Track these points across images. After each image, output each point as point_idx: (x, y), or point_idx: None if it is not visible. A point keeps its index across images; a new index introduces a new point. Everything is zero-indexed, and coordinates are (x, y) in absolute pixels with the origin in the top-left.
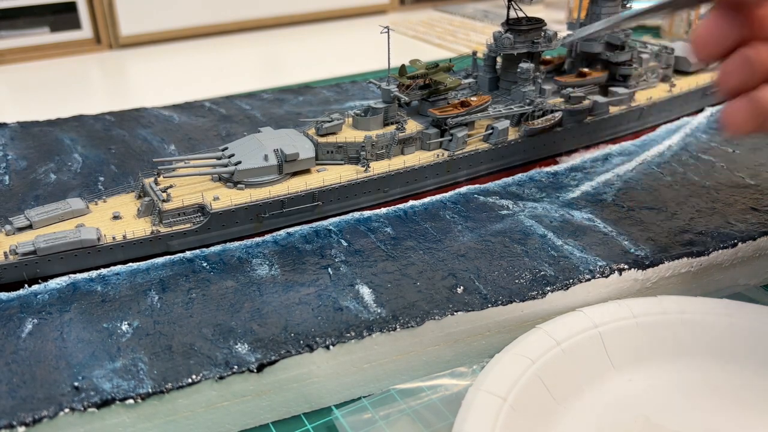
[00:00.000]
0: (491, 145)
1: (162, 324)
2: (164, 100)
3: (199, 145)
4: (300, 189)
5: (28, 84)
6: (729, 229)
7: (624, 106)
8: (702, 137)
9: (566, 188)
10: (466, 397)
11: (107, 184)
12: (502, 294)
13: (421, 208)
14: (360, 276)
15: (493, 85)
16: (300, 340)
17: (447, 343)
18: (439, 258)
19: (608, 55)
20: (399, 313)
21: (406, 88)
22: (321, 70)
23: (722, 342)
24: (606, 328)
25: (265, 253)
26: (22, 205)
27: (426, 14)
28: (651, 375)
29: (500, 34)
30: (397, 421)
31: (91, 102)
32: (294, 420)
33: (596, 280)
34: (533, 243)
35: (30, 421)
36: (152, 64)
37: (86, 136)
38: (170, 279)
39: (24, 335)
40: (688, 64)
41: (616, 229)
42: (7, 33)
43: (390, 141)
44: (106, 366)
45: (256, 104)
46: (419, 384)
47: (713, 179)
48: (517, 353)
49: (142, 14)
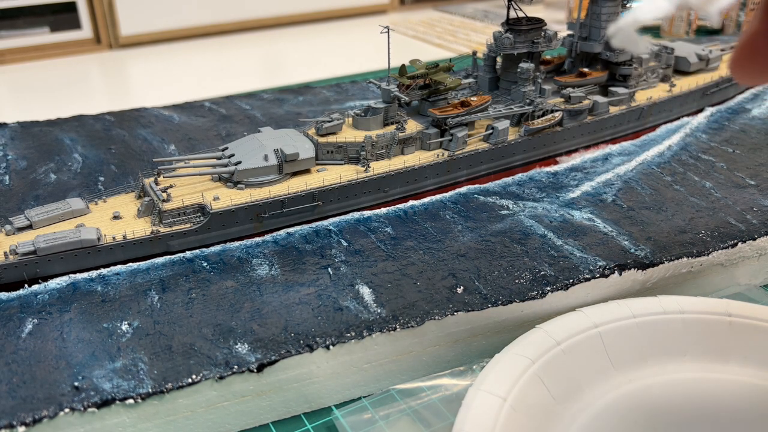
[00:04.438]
0: (491, 145)
1: (162, 324)
2: (164, 100)
3: (199, 145)
4: (300, 189)
5: (28, 84)
6: (729, 229)
7: (624, 106)
8: (702, 137)
9: (566, 188)
10: (466, 397)
11: (107, 184)
12: (502, 294)
13: (421, 208)
14: (360, 276)
15: (493, 85)
16: (300, 340)
17: (447, 343)
18: (439, 258)
19: (608, 55)
20: (399, 313)
21: (406, 88)
22: (321, 70)
23: (722, 342)
24: (606, 328)
25: (265, 253)
26: (22, 205)
27: (426, 14)
28: (651, 375)
29: (500, 34)
30: (397, 421)
31: (91, 102)
32: (294, 420)
33: (596, 280)
34: (533, 243)
35: (30, 421)
36: (152, 64)
37: (86, 136)
38: (170, 279)
39: (24, 335)
40: (688, 64)
41: (616, 229)
42: (7, 33)
43: (390, 141)
44: (106, 366)
45: (256, 104)
46: (419, 384)
47: (713, 179)
48: (517, 353)
49: (142, 14)
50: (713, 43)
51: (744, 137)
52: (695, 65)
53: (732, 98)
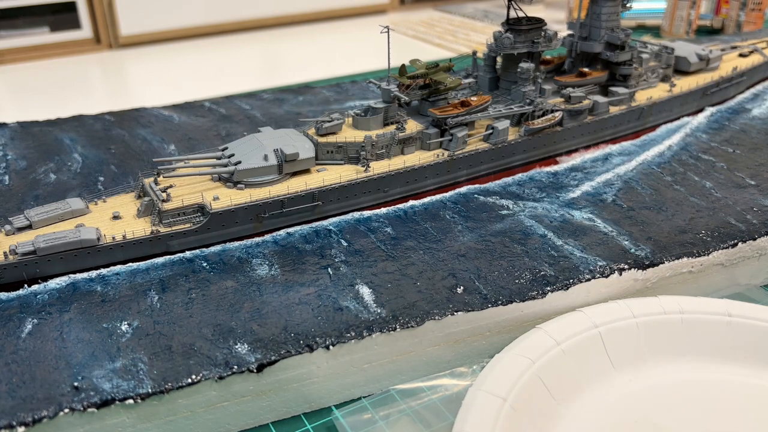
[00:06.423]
0: (491, 145)
1: (162, 324)
2: (164, 100)
3: (199, 145)
4: (300, 189)
5: (28, 84)
6: (729, 229)
7: (624, 106)
8: (702, 137)
9: (566, 188)
10: (466, 397)
11: (107, 184)
12: (502, 294)
13: (421, 208)
14: (360, 276)
15: (493, 85)
16: (300, 340)
17: (447, 343)
18: (439, 258)
19: (608, 55)
20: (399, 313)
21: (406, 88)
22: (321, 70)
23: (722, 342)
24: (606, 328)
25: (265, 253)
26: (22, 205)
27: (426, 14)
28: (651, 375)
29: (500, 34)
30: (397, 421)
31: (91, 102)
32: (294, 420)
33: (596, 280)
34: (533, 243)
35: (30, 421)
36: (152, 64)
37: (86, 136)
38: (170, 279)
39: (24, 335)
40: (688, 64)
41: (616, 229)
42: (6, 33)
43: (390, 141)
44: (106, 366)
45: (256, 104)
46: (419, 384)
47: (713, 179)
48: (517, 353)
49: (142, 14)
50: (713, 43)
51: (744, 137)
52: (695, 65)
53: (732, 98)
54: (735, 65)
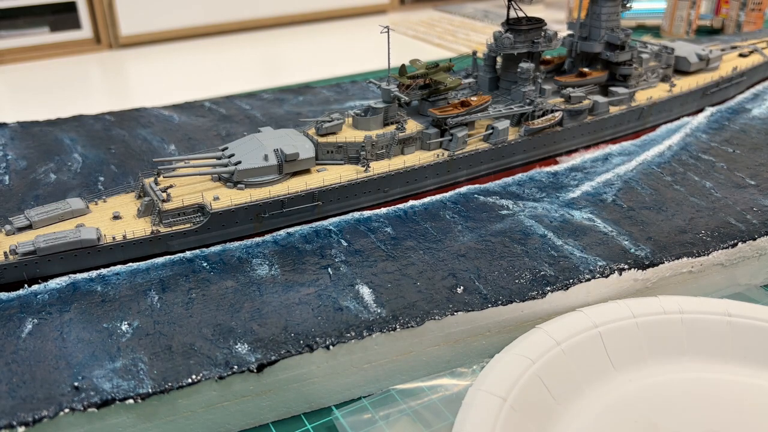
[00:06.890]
0: (491, 145)
1: (162, 324)
2: (164, 100)
3: (199, 145)
4: (300, 189)
5: (28, 84)
6: (729, 229)
7: (624, 106)
8: (702, 137)
9: (566, 188)
10: (466, 397)
11: (107, 184)
12: (502, 294)
13: (421, 208)
14: (360, 276)
15: (493, 85)
16: (300, 340)
17: (447, 343)
18: (439, 258)
19: (608, 55)
20: (399, 313)
21: (406, 88)
22: (321, 70)
23: (722, 342)
24: (606, 328)
25: (265, 253)
26: (22, 205)
27: (426, 14)
28: (651, 375)
29: (500, 34)
30: (397, 421)
31: (91, 102)
32: (294, 420)
33: (596, 280)
34: (533, 243)
35: (30, 421)
36: (152, 64)
37: (86, 136)
38: (170, 279)
39: (24, 335)
40: (688, 64)
41: (616, 229)
42: (7, 33)
43: (390, 141)
44: (106, 366)
45: (256, 104)
46: (419, 384)
47: (713, 179)
48: (517, 353)
49: (142, 14)
50: (713, 43)
51: (744, 137)
52: (695, 65)
53: (732, 98)
54: (735, 65)
